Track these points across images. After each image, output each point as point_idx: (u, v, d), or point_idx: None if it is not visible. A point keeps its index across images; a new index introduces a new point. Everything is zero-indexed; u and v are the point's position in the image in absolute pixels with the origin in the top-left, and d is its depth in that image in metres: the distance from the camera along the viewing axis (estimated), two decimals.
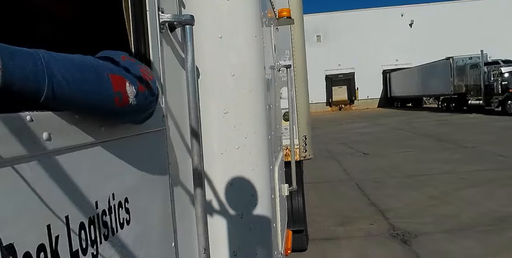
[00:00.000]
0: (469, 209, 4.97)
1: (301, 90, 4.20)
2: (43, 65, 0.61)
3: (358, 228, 4.77)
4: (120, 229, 0.83)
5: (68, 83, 0.65)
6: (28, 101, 0.61)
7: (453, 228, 4.46)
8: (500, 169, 6.86)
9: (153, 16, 1.05)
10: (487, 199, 5.31)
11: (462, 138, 11.44)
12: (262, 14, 1.71)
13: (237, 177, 1.43)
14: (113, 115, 0.80)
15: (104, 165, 0.80)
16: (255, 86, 1.48)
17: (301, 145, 4.18)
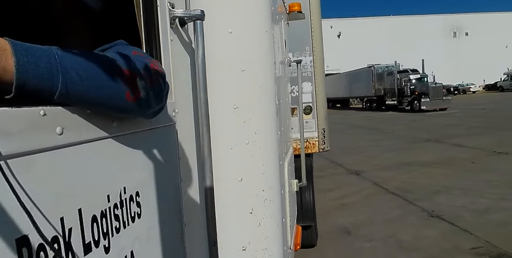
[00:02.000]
0: (388, 161, 9.16)
1: (320, 85, 4.32)
2: (57, 62, 0.62)
3: (329, 172, 8.33)
4: (132, 222, 0.84)
5: (82, 80, 0.65)
6: (41, 99, 0.61)
7: (380, 168, 8.37)
8: (405, 143, 11.94)
9: (163, 11, 1.06)
10: (397, 157, 9.60)
11: (383, 127, 17.00)
12: (273, 9, 1.70)
13: (247, 172, 1.43)
14: (125, 111, 0.81)
15: (116, 159, 0.81)
16: (265, 81, 1.47)
17: (320, 137, 4.32)
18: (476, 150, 9.34)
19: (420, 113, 23.16)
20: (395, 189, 6.48)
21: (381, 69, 31.41)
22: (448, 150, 9.73)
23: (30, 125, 0.56)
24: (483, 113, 19.30)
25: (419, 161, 8.65)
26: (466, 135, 12.03)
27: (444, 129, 14.31)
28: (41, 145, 0.58)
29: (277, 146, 1.58)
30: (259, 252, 1.47)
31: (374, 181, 7.25)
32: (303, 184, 3.31)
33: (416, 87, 26.49)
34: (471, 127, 13.81)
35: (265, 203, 1.47)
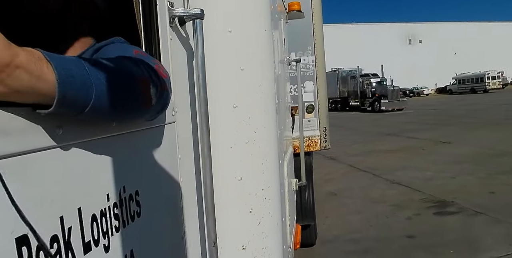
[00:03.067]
0: (356, 150, 11.04)
1: (321, 84, 4.35)
2: (88, 73, 0.61)
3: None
4: (131, 221, 0.84)
5: (109, 91, 0.65)
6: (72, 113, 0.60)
7: (351, 155, 10.16)
8: (369, 137, 14.11)
9: (163, 10, 1.05)
10: (364, 147, 11.64)
11: (349, 125, 19.10)
12: (272, 8, 1.70)
13: (246, 171, 1.43)
14: (139, 117, 0.82)
15: (115, 158, 0.80)
16: (265, 80, 1.47)
17: (322, 135, 4.37)
18: (426, 140, 11.92)
19: (380, 113, 25.99)
20: (365, 168, 8.58)
21: (345, 73, 33.82)
22: (404, 141, 12.24)
23: (28, 124, 0.56)
24: (433, 113, 22.65)
25: (381, 149, 10.97)
26: (419, 129, 14.77)
27: (401, 125, 17.12)
28: (40, 144, 0.58)
29: (276, 145, 1.58)
30: (259, 251, 1.47)
31: (348, 163, 9.22)
32: (303, 183, 3.31)
33: (376, 90, 29.19)
34: (423, 124, 16.78)
35: (265, 202, 1.47)
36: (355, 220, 5.27)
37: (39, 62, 0.53)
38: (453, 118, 18.13)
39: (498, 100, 27.02)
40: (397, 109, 27.50)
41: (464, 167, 7.74)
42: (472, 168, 7.55)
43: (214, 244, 1.13)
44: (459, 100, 32.72)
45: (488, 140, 10.64)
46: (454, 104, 28.42)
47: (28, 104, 0.55)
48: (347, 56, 52.59)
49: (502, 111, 18.61)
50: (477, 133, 12.42)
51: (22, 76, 0.50)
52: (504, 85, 48.90)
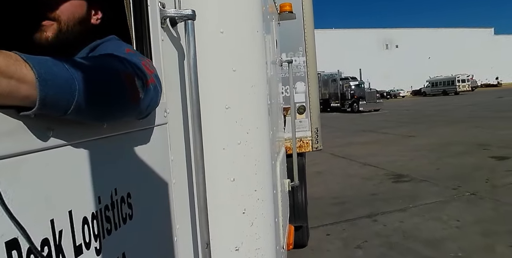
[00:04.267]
0: (337, 143, 12.67)
1: (313, 85, 4.36)
2: (68, 70, 0.60)
3: None
4: (123, 223, 0.84)
5: (93, 88, 0.64)
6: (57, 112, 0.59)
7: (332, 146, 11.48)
8: (348, 133, 16.25)
9: (154, 11, 1.05)
10: (343, 140, 13.46)
11: (330, 124, 19.70)
12: (264, 9, 1.70)
13: (239, 172, 1.43)
14: (128, 113, 0.81)
15: (107, 160, 0.80)
16: (257, 81, 1.47)
17: (314, 136, 4.37)
18: (396, 135, 14.20)
19: (359, 114, 28.27)
20: (344, 155, 10.70)
21: (326, 76, 35.82)
22: (378, 136, 14.51)
23: (18, 126, 0.55)
24: (406, 113, 25.27)
25: (358, 142, 13.22)
26: (391, 127, 17.13)
27: (376, 123, 19.47)
28: (30, 146, 0.57)
29: (269, 145, 1.58)
30: (252, 252, 1.47)
31: (330, 152, 10.84)
32: (295, 183, 3.32)
33: (355, 92, 31.43)
34: (395, 122, 19.15)
35: (258, 203, 1.47)
36: (335, 187, 7.20)
37: (17, 63, 0.52)
38: (422, 117, 20.60)
39: (466, 102, 29.73)
40: (374, 110, 29.53)
41: (421, 153, 10.01)
42: (427, 154, 9.82)
43: (207, 245, 1.13)
44: (431, 102, 35.47)
45: (445, 134, 13.13)
46: (426, 105, 30.99)
47: (12, 106, 0.54)
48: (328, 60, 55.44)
49: (467, 112, 21.25)
50: (439, 128, 14.89)
51: (1, 81, 0.49)
52: (474, 87, 51.89)
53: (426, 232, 4.62)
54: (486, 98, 31.78)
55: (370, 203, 6.00)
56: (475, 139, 11.34)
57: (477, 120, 16.17)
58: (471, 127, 13.96)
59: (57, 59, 0.61)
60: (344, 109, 32.22)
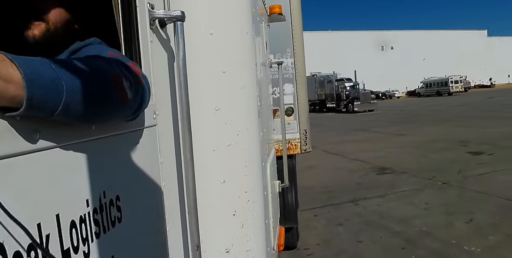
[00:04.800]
0: (330, 141, 13.58)
1: (301, 87, 4.32)
2: (55, 70, 0.59)
3: None
4: (112, 227, 0.83)
5: (80, 87, 0.63)
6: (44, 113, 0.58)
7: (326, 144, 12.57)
8: (341, 132, 17.09)
9: (143, 12, 1.04)
10: (336, 138, 14.39)
11: (325, 123, 21.63)
12: (254, 11, 1.71)
13: (229, 174, 1.43)
14: (116, 114, 0.80)
15: (95, 163, 0.79)
16: (247, 83, 1.47)
17: (302, 138, 4.31)
18: (386, 134, 15.02)
19: (353, 114, 29.19)
20: (335, 152, 11.43)
21: (322, 77, 37.15)
22: (369, 134, 15.29)
23: (4, 129, 0.54)
24: (399, 113, 26.26)
25: (349, 140, 13.97)
26: (383, 126, 18.01)
27: (369, 123, 20.33)
28: (16, 149, 0.56)
29: (259, 147, 1.58)
30: (243, 254, 1.47)
31: (322, 149, 11.75)
32: (285, 185, 3.32)
33: (350, 93, 32.43)
34: (387, 122, 20.08)
35: (248, 205, 1.47)
36: (324, 179, 7.99)
37: (3, 63, 0.51)
38: (413, 117, 21.70)
39: (457, 102, 30.82)
40: (368, 110, 30.50)
41: (406, 149, 10.93)
42: (411, 150, 10.73)
43: (198, 248, 1.12)
44: (425, 102, 36.77)
45: (432, 132, 13.96)
46: (419, 106, 32.26)
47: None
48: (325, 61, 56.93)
49: (456, 112, 22.22)
50: (427, 127, 15.74)
51: None
52: (467, 88, 53.37)
53: (399, 213, 5.45)
54: (477, 99, 32.72)
55: (354, 191, 6.88)
56: (458, 136, 12.23)
57: (463, 119, 17.19)
58: (457, 126, 14.86)
59: (43, 59, 0.60)
60: (340, 109, 33.17)
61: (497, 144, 10.14)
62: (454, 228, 4.69)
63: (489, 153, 9.24)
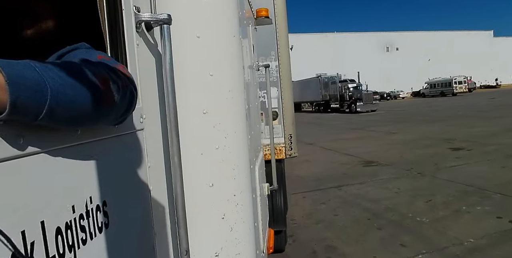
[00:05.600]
0: (328, 139, 15.37)
1: (286, 90, 4.28)
2: (40, 74, 0.58)
3: None
4: (99, 233, 0.81)
5: (65, 90, 0.62)
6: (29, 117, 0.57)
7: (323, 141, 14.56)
8: (340, 130, 18.63)
9: (129, 15, 1.03)
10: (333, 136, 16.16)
11: (326, 123, 23.91)
12: (240, 14, 1.71)
13: (218, 177, 1.42)
14: (101, 117, 0.79)
15: (81, 168, 0.77)
16: (234, 86, 1.47)
17: (287, 143, 4.27)
18: (380, 132, 16.28)
19: (356, 114, 30.60)
20: (331, 148, 12.85)
21: (326, 79, 39.13)
22: (365, 133, 16.60)
23: None
24: (399, 113, 27.54)
25: (346, 138, 15.38)
26: (379, 125, 19.32)
27: (368, 122, 21.74)
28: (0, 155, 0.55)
29: (247, 150, 1.58)
30: (232, 257, 1.46)
31: (320, 146, 13.47)
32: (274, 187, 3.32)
33: (353, 94, 33.91)
34: (385, 121, 21.41)
35: (237, 208, 1.47)
36: (317, 170, 9.32)
37: None
38: (411, 117, 23.11)
39: (458, 103, 31.98)
40: (371, 111, 31.88)
41: (395, 146, 12.10)
42: (400, 146, 11.89)
43: (187, 252, 1.11)
44: (427, 103, 38.29)
45: (423, 131, 15.07)
46: (420, 106, 33.44)
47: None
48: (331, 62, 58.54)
49: (453, 112, 23.35)
50: (420, 127, 16.83)
51: None
52: (471, 89, 54.29)
53: (372, 195, 6.67)
54: (479, 99, 33.94)
55: (340, 179, 8.15)
56: (445, 134, 13.38)
57: (457, 119, 18.47)
58: (448, 126, 16.02)
59: (27, 62, 0.59)
60: (343, 110, 34.71)
61: (478, 141, 11.33)
62: (414, 205, 5.90)
63: (468, 148, 10.41)
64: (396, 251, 4.31)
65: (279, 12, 4.12)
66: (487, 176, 7.22)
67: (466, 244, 4.32)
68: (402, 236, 4.71)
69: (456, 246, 4.29)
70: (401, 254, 4.21)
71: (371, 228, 5.07)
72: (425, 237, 4.60)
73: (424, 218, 5.26)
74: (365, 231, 4.99)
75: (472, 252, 4.08)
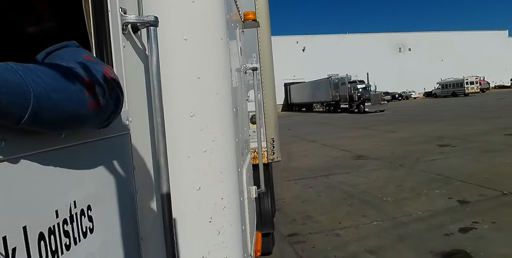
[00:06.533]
0: (330, 137, 16.15)
1: (268, 93, 4.22)
2: (22, 76, 0.57)
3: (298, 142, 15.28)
4: (83, 238, 0.80)
5: (49, 93, 0.61)
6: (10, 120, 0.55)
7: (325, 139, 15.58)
8: (344, 129, 19.58)
9: (115, 17, 1.02)
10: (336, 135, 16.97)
11: (333, 122, 25.13)
12: (228, 17, 1.71)
13: (205, 181, 1.41)
14: (87, 120, 0.77)
15: (65, 172, 0.76)
16: (221, 88, 1.47)
17: (269, 147, 4.18)
18: (381, 131, 16.95)
19: (364, 114, 31.06)
20: (330, 145, 13.71)
21: (336, 79, 40.04)
22: (366, 131, 17.26)
23: None
24: (407, 113, 27.79)
25: (348, 136, 16.17)
26: (382, 125, 19.92)
27: (372, 122, 22.40)
28: None
29: (235, 153, 1.57)
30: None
31: (321, 143, 14.43)
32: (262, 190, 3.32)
33: (362, 94, 34.60)
34: (389, 121, 22.00)
35: (224, 211, 1.46)
36: (313, 162, 10.40)
37: None
38: (416, 117, 23.50)
39: (467, 103, 32.43)
40: (379, 111, 32.21)
41: (389, 143, 12.90)
42: (393, 143, 12.66)
43: (173, 257, 1.10)
44: (437, 103, 38.69)
45: (421, 130, 15.71)
46: (429, 107, 33.84)
47: None
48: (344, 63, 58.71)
49: (458, 112, 23.70)
50: (420, 126, 17.36)
51: None
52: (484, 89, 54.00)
53: (353, 181, 7.82)
54: (488, 100, 34.22)
55: (330, 169, 9.21)
56: (439, 133, 14.00)
57: (457, 119, 18.97)
58: (446, 125, 16.60)
59: (8, 64, 0.57)
60: (352, 110, 35.28)
61: (466, 139, 11.96)
62: (385, 189, 6.95)
63: (453, 145, 11.12)
64: (357, 219, 5.42)
65: (262, 15, 4.07)
66: (458, 167, 8.15)
67: (414, 215, 5.41)
68: (366, 210, 5.84)
69: (405, 216, 5.39)
70: (360, 221, 5.33)
71: (343, 205, 6.24)
72: (384, 211, 5.70)
73: (389, 198, 6.36)
74: (338, 207, 6.15)
75: (416, 220, 5.21)
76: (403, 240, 4.56)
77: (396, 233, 4.78)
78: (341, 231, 5.02)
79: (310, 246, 4.62)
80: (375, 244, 4.51)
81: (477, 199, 5.91)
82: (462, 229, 4.75)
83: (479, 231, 4.65)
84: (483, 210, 5.38)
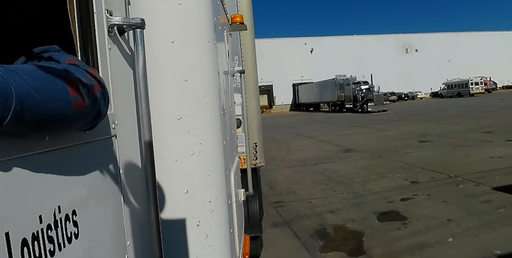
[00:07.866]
0: (329, 134, 18.22)
1: (252, 96, 4.15)
2: (3, 76, 0.56)
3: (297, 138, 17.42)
4: (68, 243, 0.78)
5: (32, 93, 0.60)
6: None
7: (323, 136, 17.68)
8: (342, 127, 21.57)
9: (100, 19, 1.01)
10: (334, 132, 18.88)
11: (336, 121, 26.47)
12: (215, 19, 1.71)
13: (193, 184, 1.40)
14: (71, 121, 0.76)
15: (48, 177, 0.74)
16: (209, 91, 1.46)
17: (252, 152, 4.06)
18: (375, 129, 18.17)
19: (367, 114, 32.59)
20: (326, 140, 15.36)
21: (342, 80, 42.41)
22: (362, 129, 18.66)
23: None
24: (406, 113, 28.84)
25: (344, 133, 17.55)
26: (379, 123, 20.99)
27: (371, 121, 23.69)
28: None
29: (223, 156, 1.57)
30: None
31: (318, 139, 15.98)
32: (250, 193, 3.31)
33: (365, 95, 36.53)
34: (387, 120, 23.10)
35: (212, 214, 1.45)
36: (306, 155, 12.01)
37: None
38: (414, 116, 24.58)
39: (468, 103, 33.65)
40: (382, 111, 33.69)
41: (379, 139, 14.19)
42: (382, 139, 14.06)
43: None
44: (440, 103, 40.24)
45: (412, 128, 16.97)
46: (431, 107, 35.00)
47: None
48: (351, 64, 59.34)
49: (455, 112, 24.84)
50: (413, 124, 18.65)
51: None
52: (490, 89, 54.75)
53: (335, 168, 9.53)
54: (490, 100, 35.21)
55: (319, 160, 10.97)
56: (427, 131, 15.25)
57: (450, 119, 20.13)
58: (437, 124, 17.90)
59: None
60: (356, 110, 37.29)
61: (447, 136, 13.37)
62: (358, 174, 8.70)
63: (432, 141, 12.52)
64: (328, 193, 7.31)
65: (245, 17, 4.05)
66: (425, 158, 9.69)
67: (372, 190, 7.18)
68: (337, 187, 7.72)
69: (365, 191, 7.19)
70: (330, 194, 7.22)
71: (321, 184, 8.12)
72: (351, 188, 7.52)
73: (358, 180, 8.15)
74: (316, 185, 8.04)
75: (372, 194, 6.96)
76: (357, 205, 6.34)
77: (353, 202, 6.56)
78: (313, 200, 6.88)
79: (288, 209, 6.51)
80: (336, 207, 6.33)
81: (427, 180, 7.55)
82: (403, 198, 6.46)
83: (415, 200, 6.34)
84: (427, 187, 7.01)
